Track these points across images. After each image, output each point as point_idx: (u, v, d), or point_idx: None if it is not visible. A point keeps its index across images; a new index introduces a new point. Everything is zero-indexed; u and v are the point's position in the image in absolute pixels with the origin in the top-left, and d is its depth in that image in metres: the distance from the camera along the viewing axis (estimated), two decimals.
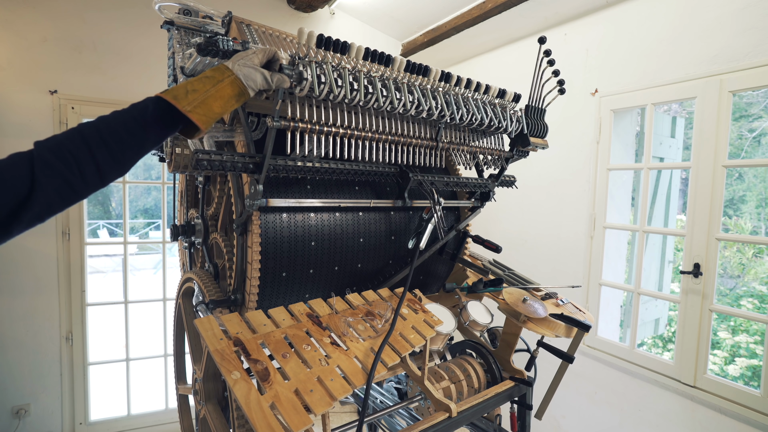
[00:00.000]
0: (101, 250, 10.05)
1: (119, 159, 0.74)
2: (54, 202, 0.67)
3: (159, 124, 0.78)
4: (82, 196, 0.72)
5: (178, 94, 0.80)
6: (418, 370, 1.26)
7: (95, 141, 0.71)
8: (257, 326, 1.02)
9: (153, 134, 0.78)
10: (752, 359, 4.68)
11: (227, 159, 1.05)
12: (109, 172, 0.73)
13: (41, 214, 0.67)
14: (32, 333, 2.78)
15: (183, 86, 0.82)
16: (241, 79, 0.86)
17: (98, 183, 0.73)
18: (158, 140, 0.80)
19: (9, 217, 0.63)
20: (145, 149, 0.79)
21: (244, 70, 0.86)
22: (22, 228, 0.65)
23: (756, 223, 6.09)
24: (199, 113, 0.81)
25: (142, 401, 3.26)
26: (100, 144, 0.71)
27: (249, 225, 1.20)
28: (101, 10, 2.76)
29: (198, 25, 1.45)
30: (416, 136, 1.30)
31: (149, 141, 0.78)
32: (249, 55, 0.89)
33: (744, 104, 5.89)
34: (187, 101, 0.80)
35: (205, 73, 0.85)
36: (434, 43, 3.53)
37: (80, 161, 0.69)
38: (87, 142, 0.70)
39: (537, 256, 3.06)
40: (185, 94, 0.80)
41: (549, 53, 1.43)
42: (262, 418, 0.78)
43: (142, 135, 0.76)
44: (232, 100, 0.86)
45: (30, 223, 0.66)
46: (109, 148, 0.72)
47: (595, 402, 2.64)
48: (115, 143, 0.73)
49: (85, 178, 0.70)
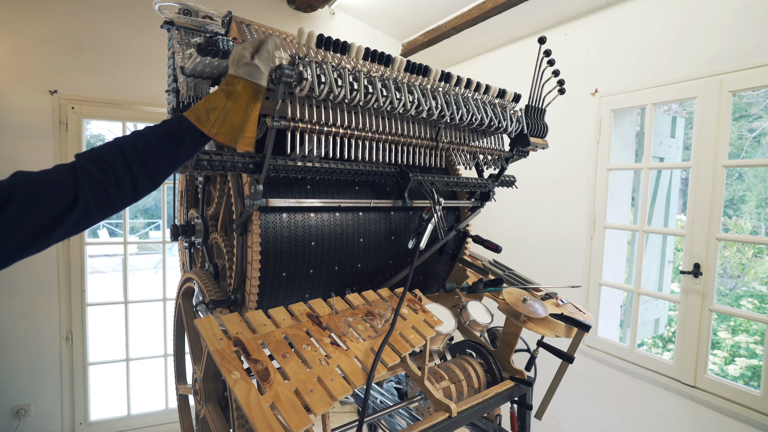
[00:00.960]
0: (101, 250, 10.05)
1: (152, 171, 0.78)
2: (92, 210, 0.71)
3: (190, 140, 0.82)
4: (117, 207, 0.75)
5: (201, 116, 0.83)
6: (418, 370, 1.26)
7: (131, 154, 0.75)
8: (257, 326, 1.02)
9: (185, 149, 0.81)
10: (752, 359, 4.68)
11: (227, 159, 1.05)
12: (142, 184, 0.77)
13: (79, 222, 0.70)
14: (32, 333, 2.78)
15: (203, 105, 0.84)
16: (248, 79, 0.86)
17: (132, 194, 0.76)
18: (190, 155, 0.83)
19: (54, 221, 0.66)
20: (177, 163, 0.82)
21: (245, 70, 0.87)
22: (61, 235, 0.69)
23: (756, 223, 6.10)
24: (225, 132, 0.84)
25: (142, 401, 3.26)
26: (136, 157, 0.75)
27: (249, 225, 1.20)
28: (101, 10, 2.76)
29: (198, 25, 1.45)
30: (416, 136, 1.30)
31: (181, 155, 0.82)
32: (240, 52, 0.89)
33: (744, 104, 5.89)
34: (210, 123, 0.83)
35: (220, 86, 0.87)
36: (434, 43, 3.53)
37: (117, 172, 0.73)
38: (123, 155, 0.74)
39: (537, 256, 3.05)
40: (207, 115, 0.83)
41: (549, 53, 1.43)
42: (262, 418, 0.78)
43: (175, 150, 0.80)
44: (251, 103, 0.87)
45: (68, 230, 0.70)
46: (143, 161, 0.76)
47: (595, 402, 2.64)
48: (149, 156, 0.77)
49: (121, 188, 0.74)
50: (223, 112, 0.83)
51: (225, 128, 0.83)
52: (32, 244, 0.66)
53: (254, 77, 0.87)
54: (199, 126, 0.81)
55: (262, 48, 0.89)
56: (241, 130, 0.85)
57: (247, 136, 0.87)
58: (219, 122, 0.83)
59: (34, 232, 0.65)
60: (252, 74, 0.87)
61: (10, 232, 0.62)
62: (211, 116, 0.83)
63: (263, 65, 0.88)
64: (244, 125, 0.86)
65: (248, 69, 0.87)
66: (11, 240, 0.62)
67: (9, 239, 0.62)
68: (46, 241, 0.67)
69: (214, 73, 1.17)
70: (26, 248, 0.65)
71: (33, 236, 0.65)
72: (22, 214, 0.63)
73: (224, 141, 0.84)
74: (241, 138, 0.85)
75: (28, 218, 0.64)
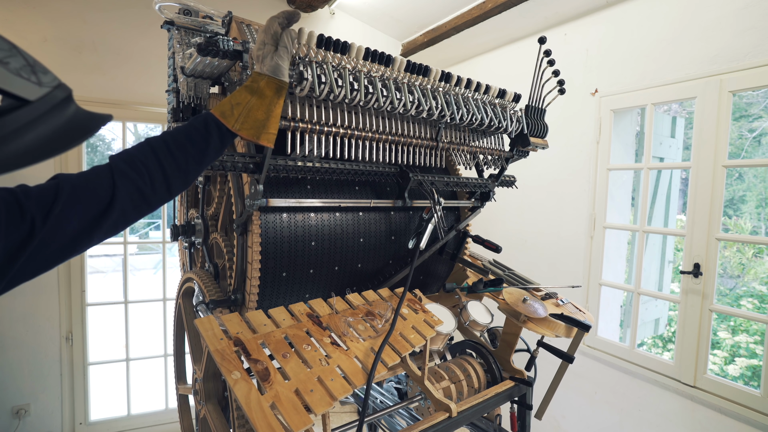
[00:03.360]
0: (101, 250, 10.02)
1: (184, 169, 0.79)
2: (128, 210, 0.72)
3: (217, 135, 0.82)
4: (152, 207, 0.76)
5: (225, 111, 0.84)
6: (418, 370, 1.26)
7: (162, 152, 0.76)
8: (257, 326, 1.02)
9: (213, 145, 0.82)
10: (752, 359, 4.68)
11: (227, 159, 1.05)
12: (174, 182, 0.78)
13: (117, 223, 0.71)
14: (32, 333, 2.78)
15: (228, 101, 0.85)
16: (271, 76, 0.87)
17: (165, 193, 0.77)
18: (218, 151, 0.84)
19: (93, 222, 0.67)
20: (207, 161, 0.83)
21: (269, 65, 0.87)
22: (100, 237, 0.69)
23: (756, 223, 6.10)
24: (248, 128, 0.85)
25: (142, 401, 3.26)
26: (167, 154, 0.76)
27: (249, 225, 1.20)
28: (101, 10, 2.76)
29: (198, 25, 1.45)
30: (416, 136, 1.31)
31: (209, 152, 0.82)
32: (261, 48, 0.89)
33: (744, 104, 5.89)
34: (234, 118, 0.84)
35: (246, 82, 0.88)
36: (434, 43, 3.53)
37: (150, 170, 0.74)
38: (155, 153, 0.75)
39: (537, 256, 3.06)
40: (231, 110, 0.84)
41: (549, 53, 1.43)
42: (263, 418, 0.78)
43: (204, 146, 0.81)
44: (274, 99, 0.88)
45: (107, 232, 0.70)
46: (175, 158, 0.77)
47: (595, 402, 2.64)
48: (180, 153, 0.78)
49: (154, 187, 0.75)
50: (246, 107, 0.84)
51: (248, 123, 0.84)
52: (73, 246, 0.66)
53: (277, 73, 0.88)
54: (224, 121, 0.83)
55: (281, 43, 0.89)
56: (264, 126, 0.86)
57: (270, 132, 0.88)
58: (242, 117, 0.84)
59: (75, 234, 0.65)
60: (275, 70, 0.88)
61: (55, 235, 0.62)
62: (235, 111, 0.84)
63: (284, 61, 0.89)
64: (267, 121, 0.87)
65: (272, 64, 0.87)
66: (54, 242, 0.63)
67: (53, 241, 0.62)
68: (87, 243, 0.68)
69: (215, 73, 1.17)
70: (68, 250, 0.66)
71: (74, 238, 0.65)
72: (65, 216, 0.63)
73: (247, 136, 0.85)
74: (263, 134, 0.86)
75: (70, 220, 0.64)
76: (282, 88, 0.89)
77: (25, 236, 0.59)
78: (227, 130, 0.83)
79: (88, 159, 2.91)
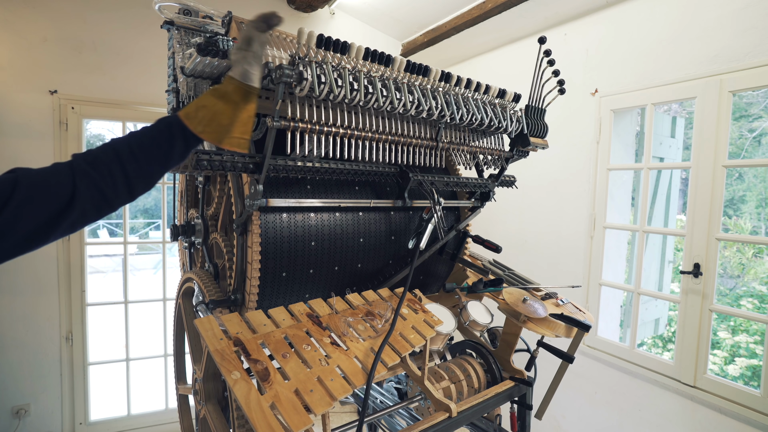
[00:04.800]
0: (101, 250, 10.04)
1: (147, 171, 0.78)
2: (88, 210, 0.71)
3: (182, 139, 0.81)
4: (112, 208, 0.76)
5: (190, 113, 0.82)
6: (418, 370, 1.26)
7: (126, 154, 0.75)
8: (257, 326, 1.02)
9: (177, 148, 0.81)
10: (752, 359, 4.68)
11: (227, 159, 1.05)
12: (137, 184, 0.77)
13: (75, 223, 0.70)
14: (32, 333, 2.78)
15: (194, 103, 0.83)
16: (240, 81, 0.85)
17: (127, 195, 0.77)
18: (183, 154, 0.83)
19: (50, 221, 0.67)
20: (171, 163, 0.82)
21: (238, 70, 0.86)
22: (57, 235, 0.69)
23: (756, 223, 6.09)
24: (210, 131, 0.82)
25: (142, 401, 3.26)
26: (130, 157, 0.76)
27: (249, 225, 1.20)
28: (101, 10, 2.76)
29: (198, 25, 1.45)
30: (416, 136, 1.30)
31: (174, 155, 0.81)
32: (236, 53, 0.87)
33: (744, 104, 5.89)
34: (197, 120, 0.82)
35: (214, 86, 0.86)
36: (434, 43, 3.53)
37: (113, 172, 0.73)
38: (119, 155, 0.75)
39: (537, 256, 3.05)
40: (195, 112, 0.82)
41: (549, 53, 1.43)
42: (262, 418, 0.78)
43: (168, 149, 0.80)
44: (241, 104, 0.85)
45: (65, 231, 0.70)
46: (138, 161, 0.76)
47: (595, 402, 2.64)
48: (143, 156, 0.77)
49: (116, 189, 0.74)
50: (210, 111, 0.83)
51: (211, 127, 0.82)
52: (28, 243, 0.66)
53: (245, 79, 0.86)
54: (187, 123, 0.81)
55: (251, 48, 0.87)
56: (227, 131, 0.84)
57: (234, 136, 0.85)
58: (205, 120, 0.82)
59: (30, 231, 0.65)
60: (244, 76, 0.86)
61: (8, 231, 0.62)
62: (200, 114, 0.82)
63: (252, 67, 0.86)
64: (231, 125, 0.84)
65: (241, 71, 0.86)
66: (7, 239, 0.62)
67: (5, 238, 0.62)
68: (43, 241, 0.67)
69: (214, 73, 1.17)
70: (21, 247, 0.66)
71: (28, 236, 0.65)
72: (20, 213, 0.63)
73: (209, 140, 0.83)
74: (227, 138, 0.84)
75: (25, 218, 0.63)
76: (250, 94, 0.86)
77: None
78: (191, 133, 0.81)
79: None
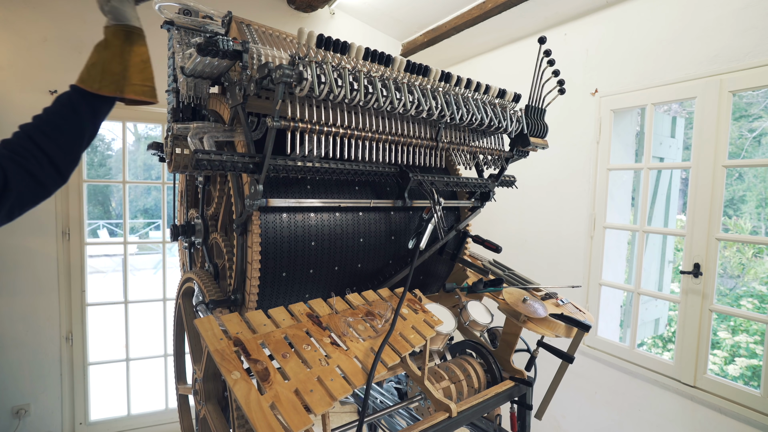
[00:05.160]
0: (101, 250, 10.05)
1: (63, 146, 0.76)
2: (24, 194, 0.71)
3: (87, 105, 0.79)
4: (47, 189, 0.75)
5: (83, 76, 0.80)
6: (418, 370, 1.26)
7: (37, 134, 0.74)
8: (257, 326, 1.02)
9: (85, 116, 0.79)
10: (752, 359, 4.68)
11: (227, 159, 1.05)
12: (59, 161, 0.75)
13: (13, 210, 0.70)
14: (32, 333, 2.78)
15: (86, 64, 0.81)
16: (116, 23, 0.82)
17: (55, 173, 0.75)
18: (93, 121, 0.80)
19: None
20: (85, 133, 0.79)
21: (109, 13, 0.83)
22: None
23: (756, 223, 6.09)
24: (107, 84, 0.79)
25: (142, 401, 3.26)
26: (42, 135, 0.74)
27: (249, 225, 1.20)
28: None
29: (198, 25, 1.45)
30: (416, 136, 1.30)
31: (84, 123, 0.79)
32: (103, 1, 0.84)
33: (744, 104, 5.89)
34: (91, 79, 0.79)
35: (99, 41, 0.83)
36: (434, 43, 3.53)
37: (34, 154, 0.73)
38: (31, 137, 0.74)
39: (537, 256, 3.05)
40: (87, 73, 0.79)
41: (549, 53, 1.43)
42: (262, 418, 0.78)
43: (75, 119, 0.78)
44: (126, 47, 0.82)
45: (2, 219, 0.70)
46: (50, 138, 0.75)
47: (595, 402, 2.64)
48: (55, 132, 0.76)
49: (42, 169, 0.73)
50: (100, 64, 0.80)
51: (106, 80, 0.79)
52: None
53: (119, 18, 0.82)
54: (84, 86, 0.79)
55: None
56: (124, 77, 0.81)
57: (134, 83, 0.82)
58: (99, 76, 0.79)
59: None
60: (116, 16, 0.82)
61: None
62: (91, 72, 0.80)
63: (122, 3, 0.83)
64: (126, 71, 0.81)
65: (111, 11, 0.82)
66: None
67: None
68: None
69: (214, 73, 1.17)
70: None
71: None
72: None
73: (111, 93, 0.80)
74: (127, 86, 0.81)
75: None
76: (132, 33, 0.83)
77: None
78: (93, 96, 0.79)
79: (87, 159, 2.90)
